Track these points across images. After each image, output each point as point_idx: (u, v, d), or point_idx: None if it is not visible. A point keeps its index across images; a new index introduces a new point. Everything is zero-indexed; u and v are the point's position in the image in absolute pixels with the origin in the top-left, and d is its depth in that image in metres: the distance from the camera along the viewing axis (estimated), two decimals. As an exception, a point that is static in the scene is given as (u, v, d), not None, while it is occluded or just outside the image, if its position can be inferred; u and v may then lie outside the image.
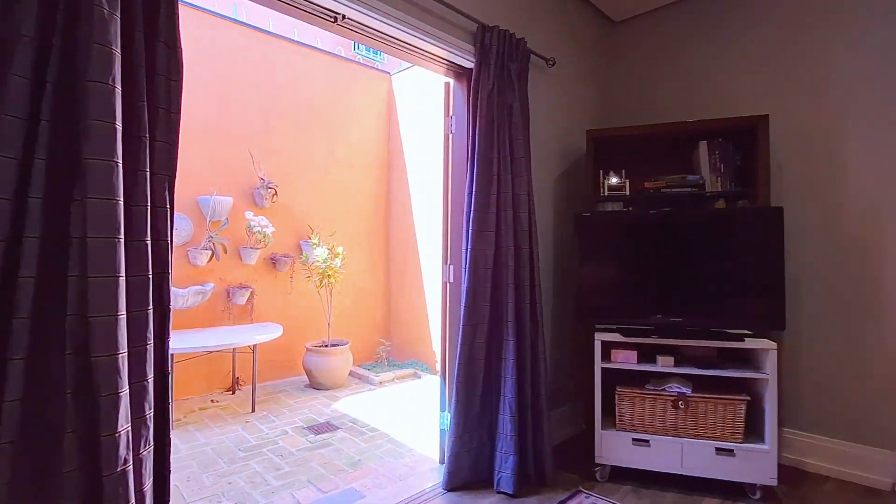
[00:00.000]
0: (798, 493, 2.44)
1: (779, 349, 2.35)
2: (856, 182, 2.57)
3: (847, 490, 2.48)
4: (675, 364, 2.44)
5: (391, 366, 5.18)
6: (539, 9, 2.91)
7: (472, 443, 2.35)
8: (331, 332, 4.62)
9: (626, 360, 2.50)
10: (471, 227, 2.26)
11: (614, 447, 2.49)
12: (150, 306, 1.24)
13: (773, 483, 2.31)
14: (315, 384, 4.38)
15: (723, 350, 2.55)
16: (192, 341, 3.47)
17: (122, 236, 1.14)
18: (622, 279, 2.64)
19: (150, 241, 1.25)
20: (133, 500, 1.14)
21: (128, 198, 1.20)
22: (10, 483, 1.00)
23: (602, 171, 2.81)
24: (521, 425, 2.33)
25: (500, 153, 2.33)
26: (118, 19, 1.16)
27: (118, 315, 1.11)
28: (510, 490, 2.27)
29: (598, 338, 2.50)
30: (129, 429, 1.15)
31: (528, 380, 2.34)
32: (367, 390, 4.38)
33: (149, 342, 1.24)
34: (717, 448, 2.38)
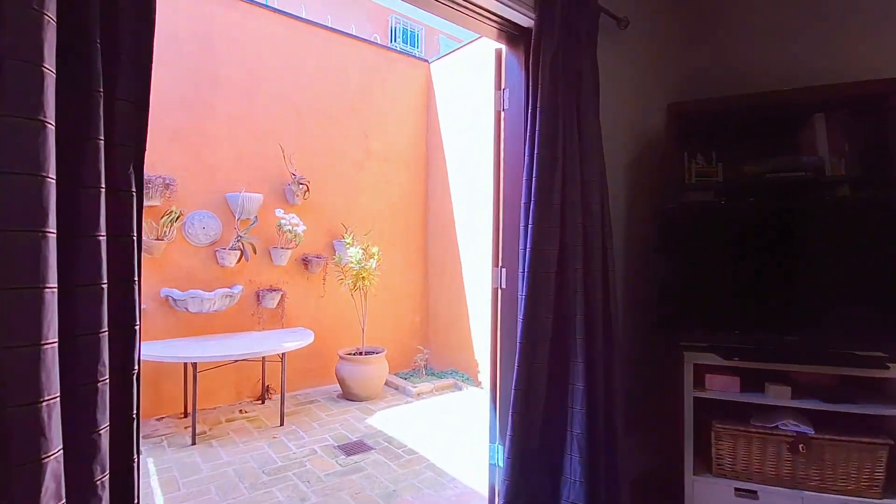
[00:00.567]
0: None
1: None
2: None
3: None
4: (792, 395, 1.92)
5: (429, 374, 4.80)
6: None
7: (531, 486, 1.91)
8: (365, 339, 4.29)
9: (726, 387, 2.00)
10: (530, 223, 1.83)
11: (710, 497, 1.99)
12: (103, 328, 0.89)
13: (932, 557, 1.76)
14: (348, 394, 4.06)
15: (847, 378, 2.01)
16: (216, 349, 3.21)
17: (54, 229, 0.79)
18: (718, 286, 2.13)
19: (104, 236, 0.90)
20: None
21: (69, 175, 0.85)
22: None
23: (687, 154, 2.31)
24: (591, 469, 1.87)
25: (566, 131, 1.89)
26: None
27: (42, 344, 0.76)
28: (579, 547, 1.83)
29: (690, 359, 2.00)
30: (65, 507, 0.80)
31: (600, 411, 1.88)
32: (403, 403, 4.02)
33: (102, 378, 0.89)
34: (851, 506, 1.85)
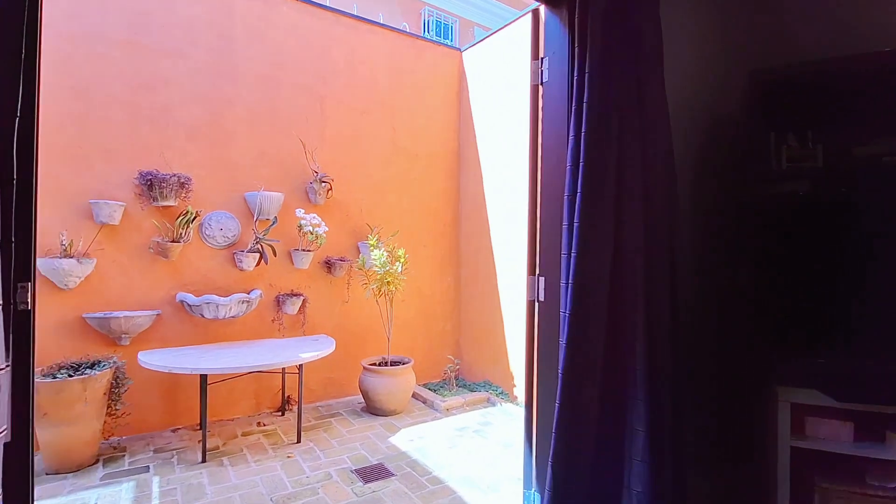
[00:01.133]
0: None
1: None
2: None
3: None
4: (932, 450, 1.45)
5: (460, 386, 4.45)
6: None
7: (576, 551, 1.53)
8: (391, 348, 3.99)
9: (835, 435, 1.54)
10: (576, 220, 1.44)
11: (813, 577, 1.54)
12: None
13: None
14: (372, 408, 3.77)
15: None
16: (227, 359, 2.98)
17: None
18: (820, 302, 1.66)
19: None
20: None
21: None
22: None
23: (775, 134, 1.84)
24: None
25: (621, 104, 1.49)
26: None
27: None
28: None
29: (786, 396, 1.56)
30: None
31: (667, 466, 1.47)
32: (431, 418, 3.68)
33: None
34: None
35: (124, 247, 3.23)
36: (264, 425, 3.50)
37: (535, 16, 1.77)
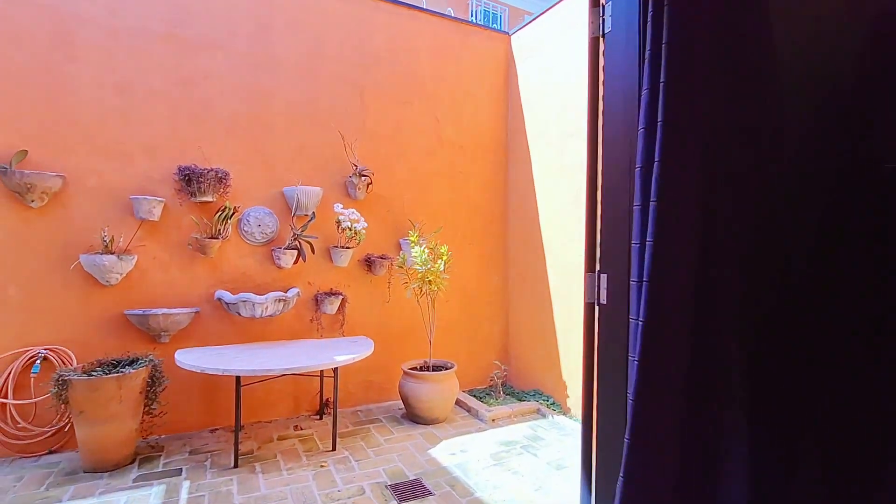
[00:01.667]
0: None
1: None
2: None
3: None
4: None
5: (507, 394, 4.13)
6: None
7: None
8: (434, 351, 3.74)
9: None
10: (652, 198, 1.11)
11: None
12: None
13: None
14: (412, 415, 3.53)
15: None
16: (262, 360, 2.85)
17: None
18: None
19: None
20: None
21: None
22: None
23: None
24: None
25: (710, 44, 1.13)
26: None
27: None
28: None
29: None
30: None
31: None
32: (474, 430, 3.39)
33: None
34: None
35: (164, 243, 3.19)
36: (301, 429, 3.36)
37: (595, -51, 1.44)
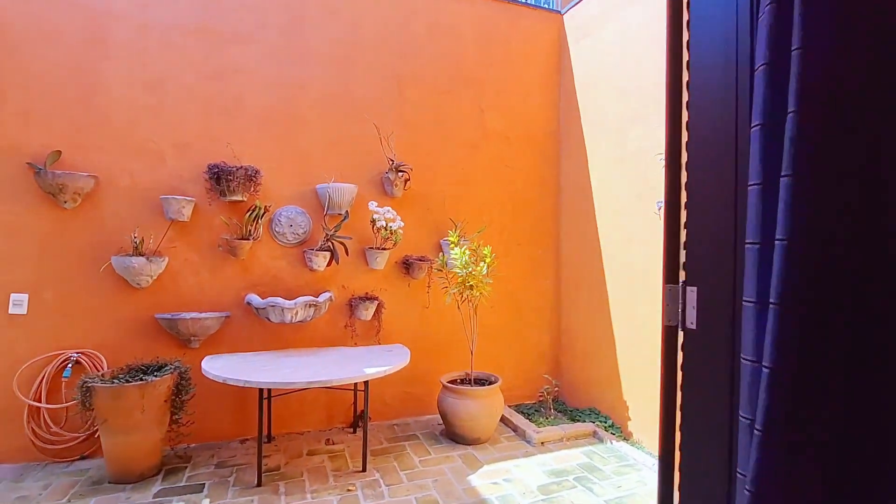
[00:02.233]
0: None
1: None
2: None
3: None
4: None
5: (559, 411, 3.71)
6: None
7: None
8: (476, 362, 3.40)
9: None
10: (786, 172, 0.71)
11: None
12: None
13: None
14: (451, 434, 3.21)
15: None
16: (290, 370, 2.64)
17: None
18: None
19: None
20: None
21: None
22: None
23: None
24: None
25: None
26: None
27: None
28: None
29: None
30: None
31: None
32: (521, 454, 3.02)
33: None
34: None
35: (195, 244, 3.07)
36: (333, 443, 3.14)
37: None
